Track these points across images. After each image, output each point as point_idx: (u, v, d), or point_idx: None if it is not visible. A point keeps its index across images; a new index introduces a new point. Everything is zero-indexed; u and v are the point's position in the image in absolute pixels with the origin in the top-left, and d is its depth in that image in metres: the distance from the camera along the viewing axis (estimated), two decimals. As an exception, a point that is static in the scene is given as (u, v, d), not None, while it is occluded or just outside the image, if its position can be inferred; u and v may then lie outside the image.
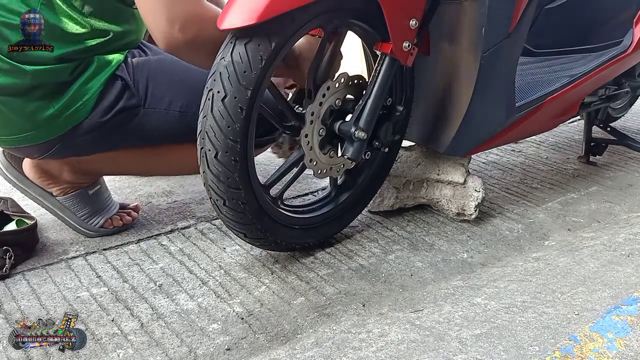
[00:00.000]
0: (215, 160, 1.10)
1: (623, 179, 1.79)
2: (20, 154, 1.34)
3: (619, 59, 1.69)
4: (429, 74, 1.37)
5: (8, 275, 1.20)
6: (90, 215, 1.38)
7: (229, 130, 1.08)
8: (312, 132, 1.24)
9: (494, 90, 1.37)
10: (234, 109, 1.08)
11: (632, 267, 1.18)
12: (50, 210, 1.39)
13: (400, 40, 1.20)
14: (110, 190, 1.46)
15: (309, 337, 1.03)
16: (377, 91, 1.23)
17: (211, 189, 1.14)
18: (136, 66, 1.28)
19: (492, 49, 1.27)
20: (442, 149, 1.43)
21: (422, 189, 1.50)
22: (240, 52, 1.07)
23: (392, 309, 1.12)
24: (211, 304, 1.14)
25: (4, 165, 1.40)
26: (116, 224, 1.40)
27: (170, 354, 1.01)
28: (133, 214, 1.45)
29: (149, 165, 1.39)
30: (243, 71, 1.07)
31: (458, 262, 1.32)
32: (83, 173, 1.37)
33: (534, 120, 1.53)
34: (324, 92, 1.22)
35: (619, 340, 0.95)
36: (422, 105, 1.41)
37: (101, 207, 1.40)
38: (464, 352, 0.93)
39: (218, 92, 1.08)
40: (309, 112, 1.22)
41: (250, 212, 1.17)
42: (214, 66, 1.10)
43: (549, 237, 1.43)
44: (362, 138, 1.23)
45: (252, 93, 1.08)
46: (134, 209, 1.47)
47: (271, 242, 1.25)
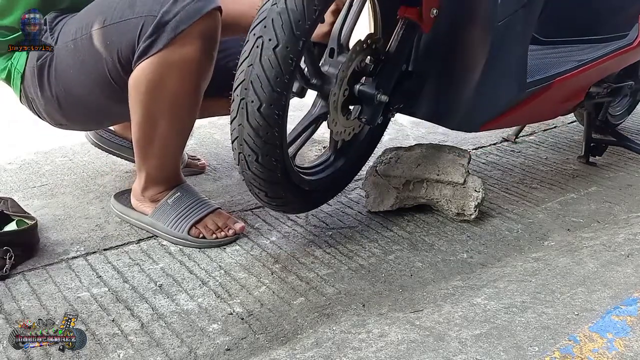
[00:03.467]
0: (257, 113, 1.05)
1: (622, 180, 1.79)
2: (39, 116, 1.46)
3: (624, 51, 1.70)
4: (441, 44, 1.34)
5: (8, 275, 1.20)
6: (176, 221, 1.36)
7: (277, 82, 1.04)
8: (338, 92, 1.22)
9: (507, 62, 1.35)
10: (285, 59, 1.03)
11: (632, 268, 1.19)
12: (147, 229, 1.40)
13: (430, 6, 1.18)
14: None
15: (309, 337, 1.03)
16: (398, 56, 1.22)
17: (245, 143, 1.09)
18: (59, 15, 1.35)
19: (506, 19, 1.25)
20: (452, 124, 1.42)
21: (422, 189, 1.50)
22: (296, 0, 1.02)
23: (392, 309, 1.12)
24: (211, 304, 1.14)
25: (116, 199, 1.47)
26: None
27: (171, 354, 1.01)
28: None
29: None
30: (297, 20, 1.02)
31: (458, 262, 1.32)
32: (156, 182, 1.38)
33: (544, 100, 1.53)
34: (354, 51, 1.20)
35: (619, 341, 0.95)
36: (433, 79, 1.39)
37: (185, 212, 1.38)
38: (463, 352, 0.93)
39: (269, 39, 1.03)
40: (340, 70, 1.19)
41: (280, 170, 1.14)
42: (263, 11, 1.05)
43: (549, 237, 1.43)
44: (383, 101, 1.22)
45: (303, 44, 1.04)
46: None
47: (286, 202, 1.23)
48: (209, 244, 1.34)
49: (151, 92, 1.23)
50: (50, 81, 1.33)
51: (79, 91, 1.33)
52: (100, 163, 1.80)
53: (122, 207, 1.44)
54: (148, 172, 1.36)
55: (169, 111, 1.26)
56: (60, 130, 1.53)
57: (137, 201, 1.41)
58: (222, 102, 1.44)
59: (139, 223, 1.41)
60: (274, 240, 1.38)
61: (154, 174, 1.37)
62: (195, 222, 1.35)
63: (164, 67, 1.20)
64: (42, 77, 1.34)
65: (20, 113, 2.20)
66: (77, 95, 1.34)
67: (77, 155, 1.85)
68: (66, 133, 1.92)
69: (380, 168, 1.50)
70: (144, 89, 1.23)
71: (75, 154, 1.86)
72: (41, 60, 1.32)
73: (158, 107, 1.25)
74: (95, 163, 1.80)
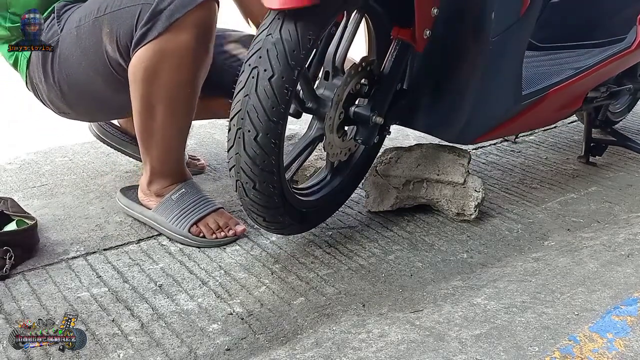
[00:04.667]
0: (254, 142, 1.06)
1: (623, 179, 1.79)
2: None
3: (622, 55, 1.70)
4: (436, 60, 1.35)
5: (8, 276, 1.20)
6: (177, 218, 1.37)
7: (273, 112, 1.04)
8: (334, 115, 1.23)
9: (502, 76, 1.36)
10: (281, 89, 1.04)
11: (632, 268, 1.19)
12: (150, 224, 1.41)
13: (422, 27, 1.19)
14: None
15: (309, 337, 1.03)
16: (392, 77, 1.23)
17: (242, 171, 1.10)
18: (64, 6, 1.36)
19: (501, 34, 1.26)
20: (448, 137, 1.43)
21: (422, 189, 1.50)
22: (290, 30, 1.03)
23: (392, 309, 1.12)
24: (211, 304, 1.14)
25: (122, 192, 1.48)
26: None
27: (171, 354, 1.01)
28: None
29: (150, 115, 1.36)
30: (292, 50, 1.03)
31: (458, 262, 1.32)
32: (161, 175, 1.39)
33: (540, 110, 1.53)
34: (349, 75, 1.21)
35: (619, 341, 0.95)
36: (429, 94, 1.40)
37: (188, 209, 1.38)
38: (463, 352, 0.93)
39: (265, 70, 1.03)
40: (336, 94, 1.20)
41: (277, 196, 1.15)
42: (258, 42, 1.06)
43: (549, 237, 1.43)
44: (379, 123, 1.23)
45: (298, 73, 1.05)
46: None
47: (285, 225, 1.24)
48: (209, 243, 1.34)
49: (147, 80, 1.24)
50: (54, 68, 1.34)
51: (81, 79, 1.34)
52: (100, 163, 1.80)
53: (127, 200, 1.45)
54: (152, 165, 1.37)
55: (165, 100, 1.27)
56: (60, 130, 1.53)
57: (143, 195, 1.42)
58: (222, 101, 1.44)
59: (141, 217, 1.41)
60: (274, 240, 1.38)
61: (158, 167, 1.38)
62: (197, 220, 1.35)
63: (159, 56, 1.21)
64: (47, 63, 1.35)
65: (20, 113, 2.20)
66: (79, 83, 1.35)
67: (77, 155, 1.85)
68: (66, 133, 1.93)
69: (380, 168, 1.50)
70: (140, 77, 1.24)
71: (75, 154, 1.86)
72: None
73: (155, 96, 1.26)
74: (95, 163, 1.80)
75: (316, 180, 1.41)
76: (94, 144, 1.85)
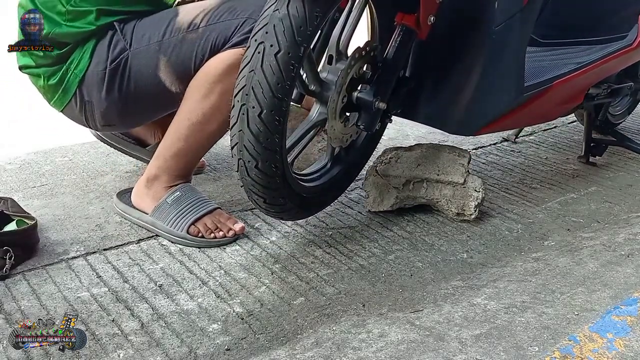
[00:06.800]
0: (257, 119, 1.05)
1: (623, 179, 1.79)
2: (79, 122, 1.47)
3: (623, 52, 1.70)
4: (438, 50, 1.35)
5: (8, 276, 1.20)
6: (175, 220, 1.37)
7: (279, 88, 1.04)
8: (337, 99, 1.22)
9: (505, 67, 1.36)
10: (287, 65, 1.03)
11: (632, 268, 1.19)
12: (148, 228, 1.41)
13: (427, 13, 1.19)
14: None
15: (309, 337, 1.03)
16: (396, 63, 1.23)
17: (245, 149, 1.09)
18: (127, 19, 1.37)
19: (504, 24, 1.26)
20: (449, 128, 1.43)
21: (422, 189, 1.50)
22: (298, 6, 1.02)
23: (392, 309, 1.12)
24: (211, 304, 1.14)
25: (119, 197, 1.47)
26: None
27: (171, 354, 1.01)
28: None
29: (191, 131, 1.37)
30: (299, 26, 1.02)
31: (458, 262, 1.32)
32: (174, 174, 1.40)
33: (542, 103, 1.53)
34: (353, 58, 1.21)
35: (619, 341, 0.95)
36: (430, 84, 1.39)
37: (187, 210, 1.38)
38: (463, 352, 0.93)
39: (271, 45, 1.02)
40: (340, 77, 1.20)
41: (279, 176, 1.15)
42: (265, 17, 1.05)
43: (549, 237, 1.44)
44: (381, 109, 1.23)
45: (304, 50, 1.04)
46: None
47: (285, 209, 1.24)
48: (208, 243, 1.34)
49: (220, 80, 1.28)
50: (123, 82, 1.35)
51: (152, 90, 1.36)
52: (100, 163, 1.80)
53: (124, 205, 1.45)
54: (169, 165, 1.38)
55: (222, 108, 1.29)
56: (60, 130, 1.53)
57: (137, 197, 1.42)
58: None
59: (140, 222, 1.41)
60: (274, 240, 1.38)
61: (174, 166, 1.39)
62: (194, 220, 1.35)
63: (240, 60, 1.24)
64: (114, 78, 1.35)
65: (20, 113, 2.20)
66: (148, 93, 1.37)
67: (77, 155, 1.85)
68: (66, 133, 1.92)
69: (380, 168, 1.50)
70: (212, 78, 1.28)
71: (75, 154, 1.86)
72: (114, 63, 1.34)
73: (215, 101, 1.30)
74: (95, 163, 1.80)
75: (317, 167, 1.40)
76: (94, 144, 1.85)
